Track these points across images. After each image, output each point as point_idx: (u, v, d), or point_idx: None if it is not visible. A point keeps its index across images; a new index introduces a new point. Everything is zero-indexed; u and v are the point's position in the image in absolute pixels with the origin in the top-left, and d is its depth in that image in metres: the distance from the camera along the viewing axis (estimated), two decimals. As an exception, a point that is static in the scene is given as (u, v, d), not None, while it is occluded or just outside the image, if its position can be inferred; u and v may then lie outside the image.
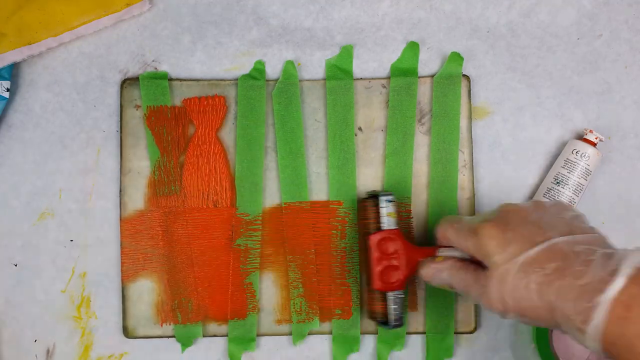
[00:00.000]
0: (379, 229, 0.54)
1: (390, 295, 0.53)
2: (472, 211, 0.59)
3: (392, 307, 0.53)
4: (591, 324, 0.39)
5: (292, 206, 0.59)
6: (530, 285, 0.42)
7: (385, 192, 0.54)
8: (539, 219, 0.45)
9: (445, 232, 0.50)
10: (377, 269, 0.54)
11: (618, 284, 0.39)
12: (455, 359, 0.60)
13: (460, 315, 0.59)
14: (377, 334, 0.59)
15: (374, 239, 0.54)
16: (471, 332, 0.59)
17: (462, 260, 0.49)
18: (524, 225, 0.45)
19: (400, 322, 0.54)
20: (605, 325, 0.39)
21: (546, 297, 0.41)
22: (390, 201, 0.53)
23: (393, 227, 0.54)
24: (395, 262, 0.53)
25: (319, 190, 0.59)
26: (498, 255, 0.44)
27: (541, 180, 0.60)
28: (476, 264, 0.48)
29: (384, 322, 0.54)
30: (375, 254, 0.54)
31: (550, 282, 0.41)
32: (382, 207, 0.53)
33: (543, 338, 0.57)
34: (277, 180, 0.59)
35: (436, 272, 0.50)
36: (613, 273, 0.39)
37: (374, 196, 0.54)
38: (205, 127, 0.59)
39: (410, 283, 0.59)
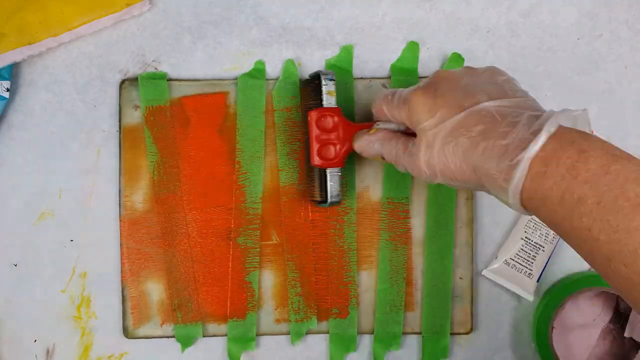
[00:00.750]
0: (319, 105, 0.54)
1: (329, 172, 0.54)
2: (471, 213, 0.59)
3: (330, 184, 0.54)
4: (512, 181, 0.40)
5: (289, 192, 0.59)
6: (457, 148, 0.43)
7: (327, 71, 0.55)
8: (469, 84, 0.45)
9: (380, 106, 0.51)
10: (315, 145, 0.54)
11: (539, 141, 0.39)
12: (455, 358, 0.60)
13: (457, 316, 0.59)
14: (373, 334, 0.59)
15: (313, 115, 0.54)
16: (467, 333, 0.59)
17: (395, 131, 0.51)
18: (453, 90, 0.45)
19: (338, 199, 0.55)
20: (524, 181, 0.39)
21: (471, 158, 0.42)
22: (331, 79, 0.54)
23: (333, 105, 0.54)
24: (333, 139, 0.54)
25: (318, 190, 0.59)
26: (427, 121, 0.45)
27: (541, 180, 0.60)
28: (407, 135, 0.49)
29: (322, 200, 0.55)
30: (314, 130, 0.54)
31: (476, 144, 0.42)
32: (323, 85, 0.54)
33: (543, 338, 0.57)
34: (277, 179, 0.59)
35: (368, 143, 0.51)
36: (536, 132, 0.39)
37: (316, 77, 0.55)
38: (205, 126, 0.59)
39: (407, 284, 0.59)
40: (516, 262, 0.58)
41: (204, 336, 0.59)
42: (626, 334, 0.58)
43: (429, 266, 0.59)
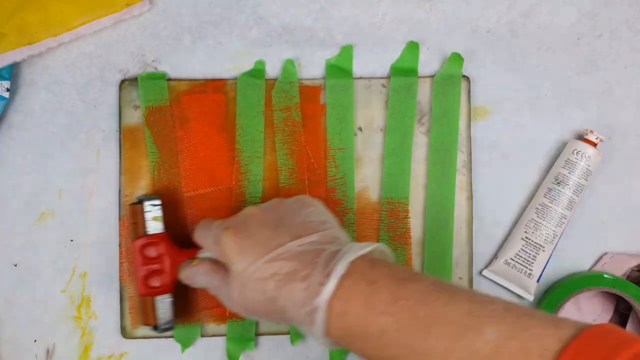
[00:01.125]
0: (145, 233, 0.54)
1: (158, 300, 0.53)
2: (471, 213, 0.59)
3: (160, 311, 0.53)
4: (315, 324, 0.41)
5: (289, 192, 0.59)
6: (266, 291, 0.44)
7: (151, 196, 0.54)
8: (276, 221, 0.47)
9: (198, 238, 0.52)
10: (140, 274, 0.53)
11: (330, 285, 0.41)
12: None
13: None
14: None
15: (137, 244, 0.53)
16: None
17: (217, 262, 0.50)
18: (260, 230, 0.46)
19: (170, 326, 0.54)
20: (328, 323, 0.41)
21: (279, 301, 0.43)
22: (155, 205, 0.54)
23: (159, 231, 0.54)
24: (158, 267, 0.53)
25: (318, 190, 0.59)
26: (237, 263, 0.46)
27: (541, 180, 0.60)
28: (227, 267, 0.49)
29: (155, 326, 0.54)
30: (138, 259, 0.53)
31: (281, 287, 0.43)
32: (146, 212, 0.54)
33: (543, 338, 0.57)
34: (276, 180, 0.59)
35: (194, 274, 0.51)
36: (329, 274, 0.41)
37: (140, 201, 0.54)
38: (205, 126, 0.59)
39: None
40: (516, 262, 0.58)
41: (202, 336, 0.59)
42: (626, 334, 0.58)
43: (428, 266, 0.59)
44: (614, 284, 0.56)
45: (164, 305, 0.54)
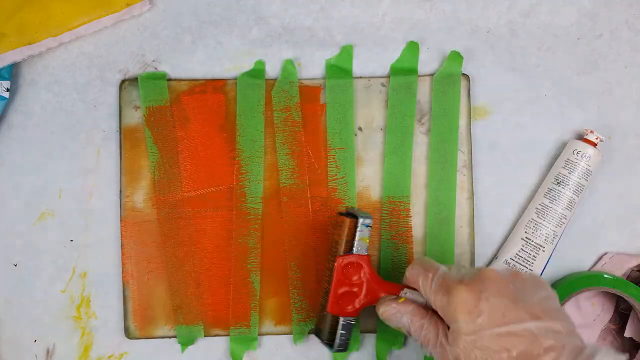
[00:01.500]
0: (349, 251, 0.52)
1: (342, 321, 0.52)
2: (472, 212, 0.59)
3: (341, 332, 0.52)
4: None
5: (290, 192, 0.59)
6: None
7: (366, 215, 0.52)
8: (514, 294, 0.44)
9: (415, 277, 0.48)
10: (336, 292, 0.52)
11: None
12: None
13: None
14: (376, 332, 0.59)
15: (341, 261, 0.52)
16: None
17: (425, 307, 0.48)
18: (499, 297, 0.43)
19: (344, 348, 0.52)
20: None
21: None
22: (367, 226, 0.52)
23: (363, 253, 0.52)
24: (355, 289, 0.52)
25: (318, 190, 0.59)
26: (466, 323, 0.43)
27: (541, 180, 0.60)
28: (439, 317, 0.47)
29: (329, 343, 0.53)
30: (338, 276, 0.52)
31: None
32: (358, 231, 0.52)
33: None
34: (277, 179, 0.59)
35: (396, 313, 0.48)
36: None
37: (353, 215, 0.52)
38: (205, 126, 0.59)
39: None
40: (516, 262, 0.58)
41: (205, 336, 0.59)
42: (626, 334, 0.58)
43: (430, 265, 0.59)
44: (614, 284, 0.56)
45: (347, 327, 0.52)
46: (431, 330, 0.46)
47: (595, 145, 0.58)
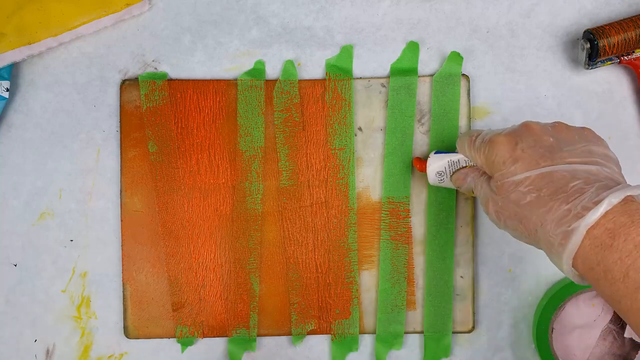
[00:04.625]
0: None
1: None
2: (472, 212, 0.59)
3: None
4: (567, 247, 0.40)
5: (290, 192, 0.59)
6: (524, 203, 0.43)
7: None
8: (553, 143, 0.45)
9: (462, 144, 0.51)
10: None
11: (598, 211, 0.39)
12: (455, 358, 0.60)
13: (458, 314, 0.59)
14: (375, 333, 0.59)
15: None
16: (469, 332, 0.59)
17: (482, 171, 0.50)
18: (534, 146, 0.45)
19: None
20: (581, 251, 0.40)
21: (535, 216, 0.42)
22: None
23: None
24: None
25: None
26: (502, 170, 0.45)
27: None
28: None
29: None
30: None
31: (542, 204, 0.42)
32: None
33: (543, 339, 0.57)
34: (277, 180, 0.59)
35: (463, 176, 0.52)
36: (598, 202, 0.39)
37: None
38: (205, 126, 0.59)
39: (409, 283, 0.59)
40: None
41: (204, 336, 0.59)
42: (626, 335, 0.58)
43: (430, 265, 0.59)
44: (614, 284, 0.56)
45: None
46: (484, 185, 0.48)
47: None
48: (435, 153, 0.55)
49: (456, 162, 0.54)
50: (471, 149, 0.49)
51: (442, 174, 0.55)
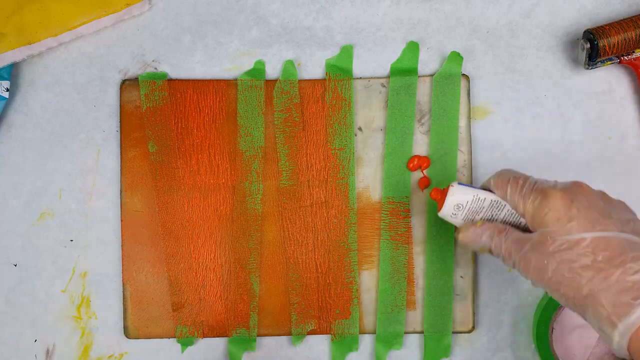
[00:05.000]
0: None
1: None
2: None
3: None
4: (626, 320, 0.39)
5: (290, 192, 0.59)
6: (577, 266, 0.42)
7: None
8: (604, 209, 0.44)
9: (504, 182, 0.48)
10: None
11: None
12: (455, 358, 0.60)
13: (458, 314, 0.59)
14: (375, 333, 0.59)
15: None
16: (469, 332, 0.59)
17: (502, 224, 0.49)
18: (590, 208, 0.44)
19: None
20: (638, 331, 0.39)
21: (589, 282, 0.41)
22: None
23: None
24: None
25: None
26: (556, 227, 0.43)
27: (541, 180, 0.60)
28: (517, 229, 0.47)
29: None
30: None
31: (599, 270, 0.41)
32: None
33: (543, 338, 0.57)
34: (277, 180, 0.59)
35: (476, 236, 0.49)
36: None
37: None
38: (205, 126, 0.59)
39: (409, 283, 0.59)
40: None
41: (204, 336, 0.59)
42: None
43: (430, 265, 0.59)
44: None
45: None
46: (511, 239, 0.46)
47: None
48: (458, 184, 0.50)
49: (481, 201, 0.49)
50: (516, 193, 0.47)
51: (461, 207, 0.50)
